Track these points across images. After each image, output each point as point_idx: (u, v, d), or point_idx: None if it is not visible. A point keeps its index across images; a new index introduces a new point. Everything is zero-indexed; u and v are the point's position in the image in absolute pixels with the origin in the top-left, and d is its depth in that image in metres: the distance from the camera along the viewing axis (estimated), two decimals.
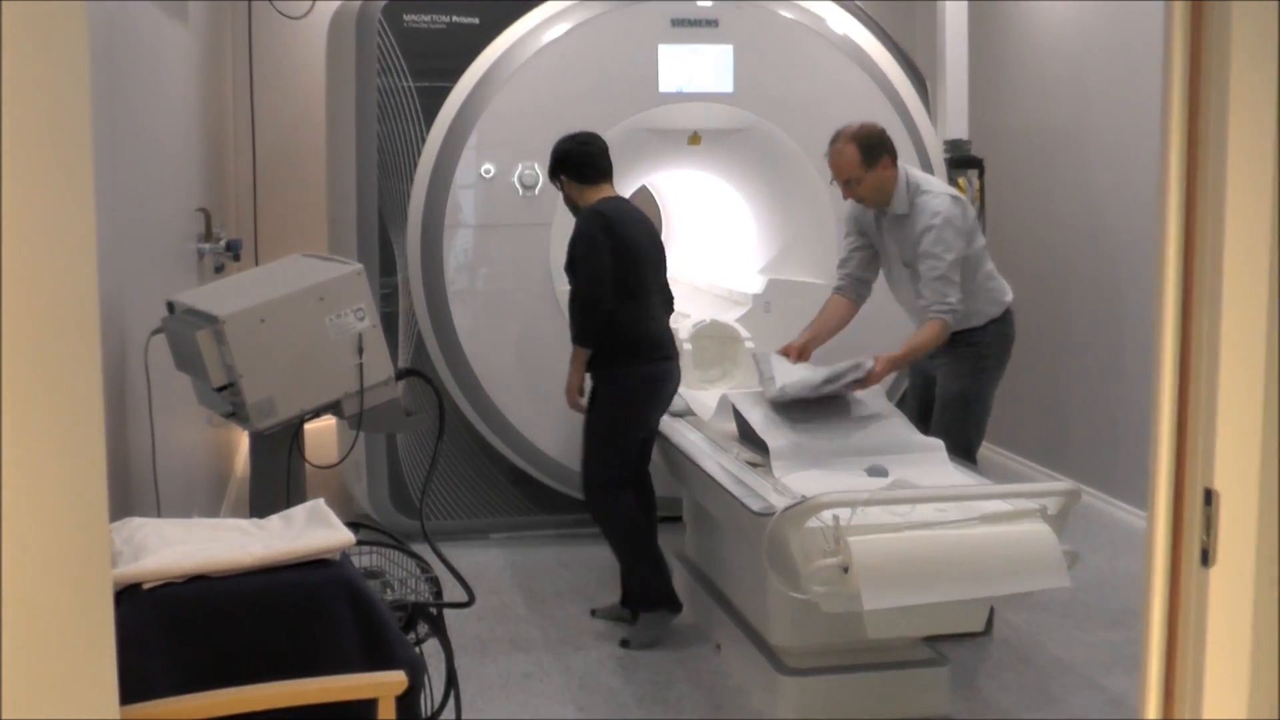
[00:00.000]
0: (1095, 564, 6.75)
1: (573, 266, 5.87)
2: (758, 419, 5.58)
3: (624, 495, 5.96)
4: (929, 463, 5.33)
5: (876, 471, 5.19)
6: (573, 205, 6.01)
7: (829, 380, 5.66)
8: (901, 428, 5.61)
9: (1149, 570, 2.25)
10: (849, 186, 5.86)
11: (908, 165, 6.06)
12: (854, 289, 6.17)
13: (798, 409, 5.66)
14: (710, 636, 5.89)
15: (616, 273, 5.79)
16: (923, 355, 5.90)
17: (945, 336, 5.75)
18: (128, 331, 4.46)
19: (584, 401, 6.01)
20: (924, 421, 6.00)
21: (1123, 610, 6.21)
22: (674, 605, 5.97)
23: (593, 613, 6.21)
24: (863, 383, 5.69)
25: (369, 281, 4.49)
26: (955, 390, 5.97)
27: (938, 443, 5.49)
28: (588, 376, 5.99)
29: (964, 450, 5.72)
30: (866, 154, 5.78)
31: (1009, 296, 6.02)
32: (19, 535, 1.56)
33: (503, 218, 7.06)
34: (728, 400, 5.91)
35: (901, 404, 6.75)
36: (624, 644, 5.87)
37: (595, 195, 5.94)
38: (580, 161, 5.95)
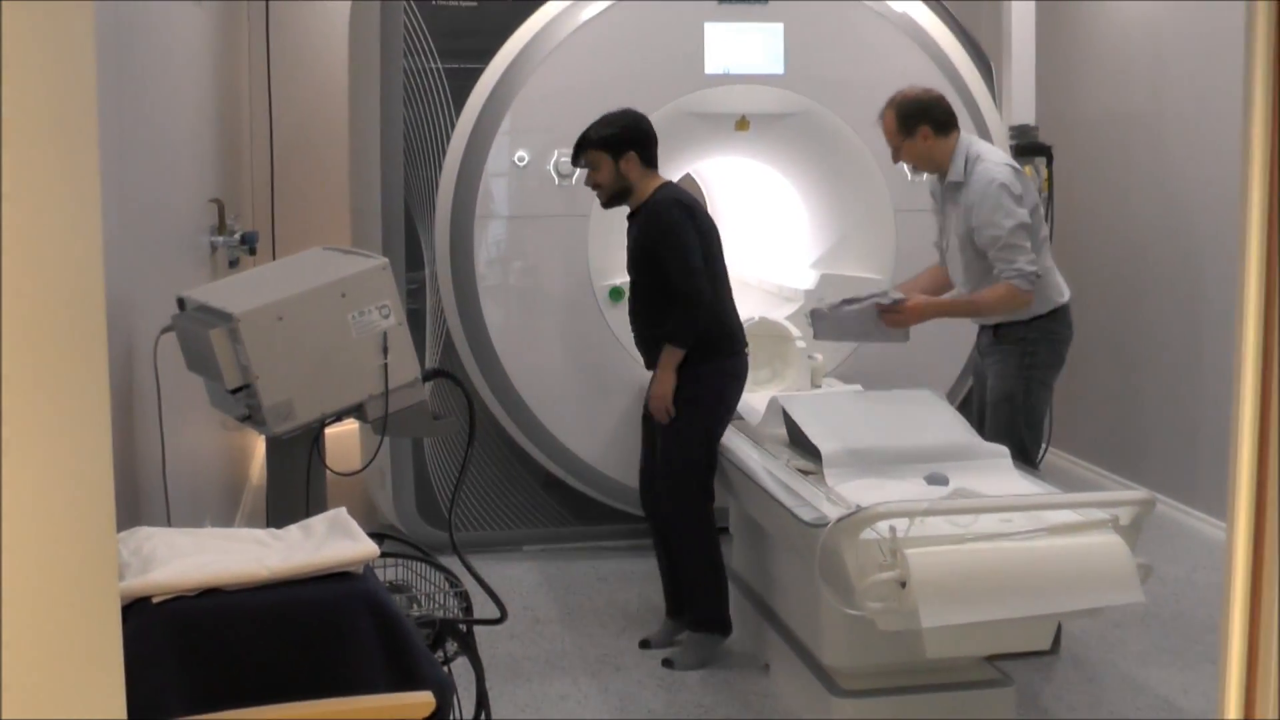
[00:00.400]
0: (1172, 578, 6.73)
1: (650, 261, 5.83)
2: (809, 423, 5.57)
3: (710, 505, 5.95)
4: (993, 470, 5.32)
5: (937, 480, 5.18)
6: (620, 189, 5.89)
7: (848, 301, 5.93)
8: (963, 432, 5.60)
9: (1229, 585, 2.24)
10: (895, 153, 6.09)
11: (974, 137, 6.21)
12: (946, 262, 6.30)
13: (851, 412, 5.67)
14: (758, 656, 5.88)
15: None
16: (980, 316, 6.06)
17: (1017, 302, 5.81)
18: (136, 330, 4.48)
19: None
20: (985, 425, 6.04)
21: (1201, 627, 6.18)
22: (726, 628, 5.96)
23: (644, 644, 6.13)
24: (892, 313, 5.88)
25: (395, 276, 4.49)
26: (1002, 391, 6.00)
27: (1002, 449, 5.48)
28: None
29: (1020, 455, 5.71)
30: (902, 123, 5.97)
31: (1064, 296, 6.02)
32: (21, 545, 1.57)
33: (538, 208, 7.06)
34: (777, 403, 5.91)
35: (965, 408, 6.74)
36: (667, 664, 5.86)
37: (654, 182, 5.91)
38: (649, 141, 5.92)
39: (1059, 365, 6.06)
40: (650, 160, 5.91)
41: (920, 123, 5.93)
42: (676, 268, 5.72)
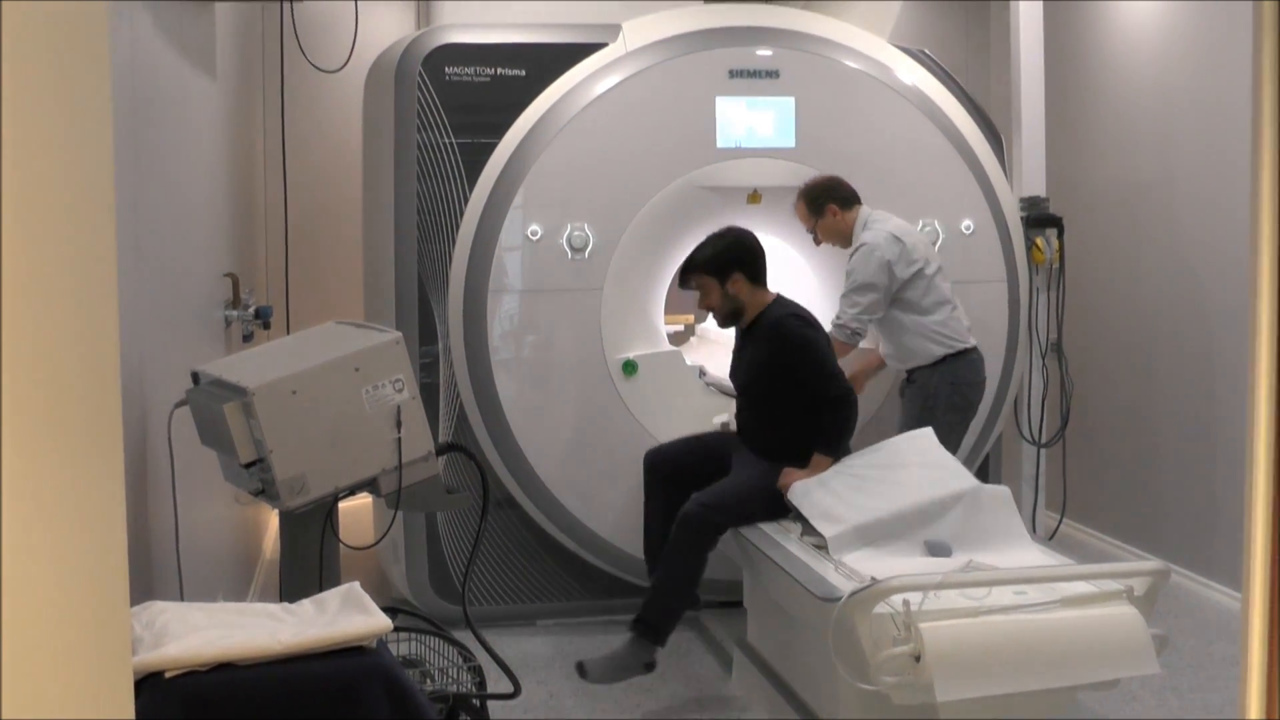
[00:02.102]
0: (1189, 649, 6.69)
1: (777, 378, 6.14)
2: (809, 506, 5.62)
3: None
4: (1004, 540, 5.32)
5: (938, 549, 5.19)
6: (732, 309, 6.27)
7: None
8: (962, 478, 5.61)
9: (1246, 655, 2.23)
10: (814, 236, 6.80)
11: (877, 210, 6.76)
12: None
13: (847, 487, 5.71)
14: None
15: None
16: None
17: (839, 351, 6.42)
18: (150, 404, 4.49)
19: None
20: None
21: (1219, 699, 6.14)
22: (662, 639, 6.01)
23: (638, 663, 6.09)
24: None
25: (408, 350, 4.49)
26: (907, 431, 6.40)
27: (1002, 488, 5.56)
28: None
29: None
30: (811, 205, 6.74)
31: (967, 343, 6.57)
32: (35, 618, 1.57)
33: (551, 282, 7.08)
34: None
35: None
36: (580, 671, 5.92)
37: (764, 297, 6.29)
38: (754, 258, 6.29)
39: (964, 409, 6.56)
40: (757, 277, 6.27)
41: (827, 201, 6.75)
42: (821, 376, 6.04)
